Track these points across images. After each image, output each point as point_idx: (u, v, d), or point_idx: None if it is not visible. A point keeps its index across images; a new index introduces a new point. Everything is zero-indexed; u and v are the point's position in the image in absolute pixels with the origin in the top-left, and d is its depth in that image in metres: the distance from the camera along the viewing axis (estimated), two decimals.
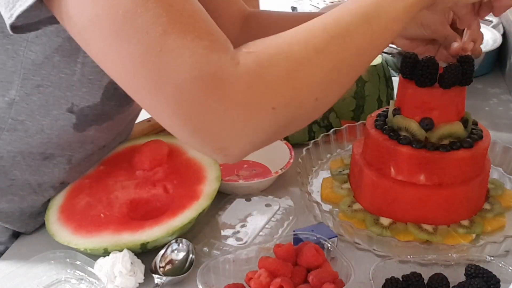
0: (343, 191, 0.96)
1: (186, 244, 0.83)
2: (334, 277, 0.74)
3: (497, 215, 0.91)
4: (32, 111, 0.78)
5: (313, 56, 0.63)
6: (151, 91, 0.59)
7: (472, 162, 0.88)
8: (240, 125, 0.60)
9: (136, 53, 0.57)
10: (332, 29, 0.65)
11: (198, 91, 0.58)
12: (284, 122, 0.63)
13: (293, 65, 0.62)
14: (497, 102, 1.32)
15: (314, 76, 0.63)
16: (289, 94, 0.62)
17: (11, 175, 0.84)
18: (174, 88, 0.58)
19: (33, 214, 0.90)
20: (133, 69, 0.59)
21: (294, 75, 0.62)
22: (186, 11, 0.59)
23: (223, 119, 0.59)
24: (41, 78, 0.75)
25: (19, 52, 0.73)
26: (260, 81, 0.60)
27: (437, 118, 0.86)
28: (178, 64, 0.57)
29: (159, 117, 0.62)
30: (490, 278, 0.75)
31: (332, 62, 0.64)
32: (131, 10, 0.56)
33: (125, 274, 0.77)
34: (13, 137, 0.80)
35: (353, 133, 1.08)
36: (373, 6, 0.67)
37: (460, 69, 0.84)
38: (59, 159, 0.86)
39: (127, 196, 0.88)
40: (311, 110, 0.65)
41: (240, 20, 1.03)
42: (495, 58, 1.43)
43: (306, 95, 0.63)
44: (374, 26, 0.66)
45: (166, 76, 0.58)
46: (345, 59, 0.65)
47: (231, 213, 0.92)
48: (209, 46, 0.59)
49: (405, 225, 0.88)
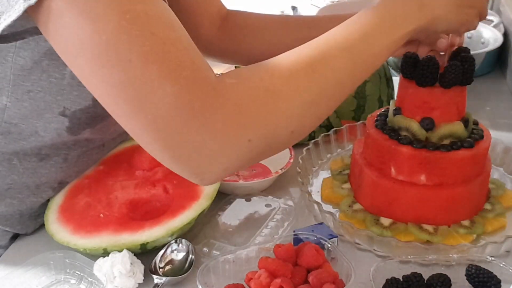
0: (343, 191, 0.96)
1: (186, 245, 0.83)
2: (335, 277, 0.74)
3: (498, 215, 0.91)
4: (24, 115, 0.78)
5: (293, 91, 0.64)
6: (132, 117, 0.60)
7: (472, 162, 0.87)
8: (217, 154, 0.62)
9: (119, 80, 0.58)
10: (315, 64, 0.66)
11: (178, 121, 0.59)
12: (258, 152, 0.65)
13: (272, 98, 0.63)
14: (498, 102, 1.31)
15: (293, 109, 0.65)
16: (266, 127, 0.63)
17: (9, 180, 0.84)
18: (154, 117, 0.59)
19: (33, 215, 0.90)
20: (115, 95, 0.59)
21: (272, 108, 0.63)
22: (169, 40, 0.59)
23: (201, 148, 0.61)
24: (31, 83, 0.75)
25: (7, 58, 0.72)
26: (239, 113, 0.61)
27: (438, 118, 0.86)
28: (159, 94, 0.58)
29: (139, 141, 0.63)
30: (491, 279, 0.75)
31: (311, 95, 0.65)
32: (114, 37, 0.57)
33: (124, 275, 0.77)
34: (7, 140, 0.80)
35: (353, 133, 1.08)
36: (358, 40, 0.68)
37: (461, 68, 0.84)
38: (55, 159, 0.85)
39: (126, 196, 0.87)
40: (285, 141, 0.67)
41: (219, 19, 1.04)
42: (496, 58, 1.43)
43: (283, 128, 0.65)
44: (356, 60, 0.68)
45: (147, 104, 0.59)
46: (324, 92, 0.66)
47: (231, 213, 0.92)
48: (190, 76, 0.59)
49: (406, 225, 0.87)
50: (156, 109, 0.59)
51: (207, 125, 0.60)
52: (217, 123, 0.60)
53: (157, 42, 0.58)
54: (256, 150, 0.64)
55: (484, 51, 1.36)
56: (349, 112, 1.12)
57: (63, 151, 0.85)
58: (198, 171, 0.63)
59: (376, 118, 0.94)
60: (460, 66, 0.84)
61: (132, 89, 0.58)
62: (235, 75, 0.64)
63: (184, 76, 0.59)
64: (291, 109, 0.64)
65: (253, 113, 0.62)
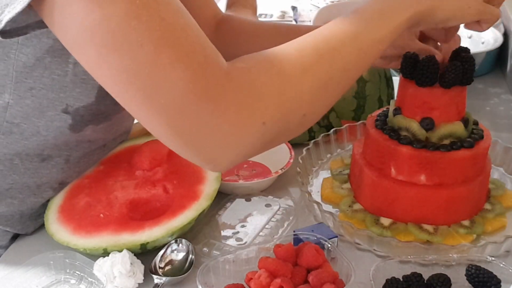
0: (343, 191, 0.96)
1: (186, 245, 0.83)
2: (335, 277, 0.74)
3: (498, 215, 0.91)
4: (27, 113, 0.78)
5: (302, 74, 0.65)
6: (144, 103, 0.60)
7: (472, 162, 0.87)
8: (231, 138, 0.62)
9: (129, 66, 0.58)
10: (322, 48, 0.67)
11: (191, 105, 0.59)
12: (271, 137, 0.65)
13: (283, 82, 0.64)
14: (498, 102, 1.31)
15: (303, 92, 0.65)
16: (279, 109, 0.64)
17: (10, 179, 0.84)
18: (167, 102, 0.59)
19: (33, 215, 0.90)
20: (125, 82, 0.59)
21: (284, 91, 0.64)
22: (179, 25, 0.59)
23: (215, 132, 0.61)
24: (33, 80, 0.75)
25: (10, 55, 0.72)
26: (252, 96, 0.62)
27: (438, 118, 0.86)
28: (172, 79, 0.58)
29: (150, 127, 0.63)
30: (491, 279, 0.75)
31: (320, 79, 0.66)
32: (124, 22, 0.57)
33: (124, 275, 0.77)
34: (9, 140, 0.80)
35: (353, 133, 1.08)
36: (361, 27, 0.69)
37: (461, 68, 0.84)
38: (57, 160, 0.85)
39: (126, 196, 0.87)
40: (298, 125, 0.68)
41: (214, 23, 1.05)
42: (496, 58, 1.43)
43: (295, 111, 0.66)
44: (361, 45, 0.69)
45: (159, 89, 0.58)
46: (332, 77, 0.67)
47: (231, 213, 0.92)
48: (202, 61, 0.60)
49: (406, 225, 0.87)
50: (169, 94, 0.58)
51: (221, 109, 0.60)
52: (230, 106, 0.60)
53: (168, 28, 0.58)
54: (270, 134, 0.64)
55: (484, 51, 1.36)
56: (349, 112, 1.12)
57: (65, 152, 0.85)
58: (211, 156, 0.63)
59: (376, 118, 0.93)
60: (460, 66, 0.84)
61: (144, 74, 0.58)
62: (245, 60, 0.65)
63: (197, 61, 0.59)
64: (302, 93, 0.65)
65: (265, 96, 0.62)
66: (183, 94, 0.58)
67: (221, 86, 0.60)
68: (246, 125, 0.62)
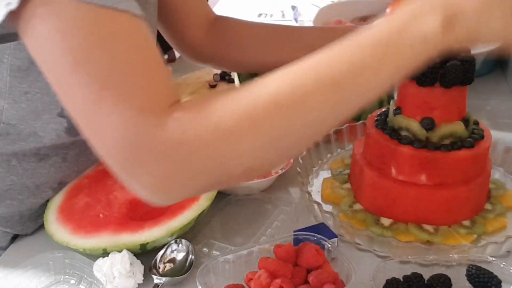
0: (343, 191, 0.95)
1: (185, 245, 0.83)
2: (335, 277, 0.74)
3: (499, 215, 0.90)
4: (22, 116, 0.78)
5: (246, 131, 0.57)
6: (89, 138, 0.61)
7: (473, 162, 0.87)
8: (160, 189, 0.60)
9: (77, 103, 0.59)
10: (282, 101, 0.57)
11: (124, 154, 0.59)
12: (207, 185, 0.62)
13: (219, 138, 0.57)
14: (499, 102, 1.31)
15: (244, 150, 0.58)
16: (210, 165, 0.59)
17: (8, 181, 0.84)
18: (105, 144, 0.59)
19: (33, 216, 0.89)
20: (76, 115, 0.60)
21: (220, 148, 0.58)
22: (130, 64, 0.59)
23: (144, 182, 0.60)
24: (28, 85, 0.75)
25: (3, 59, 0.72)
26: (181, 151, 0.58)
27: (438, 117, 0.86)
28: (108, 123, 0.58)
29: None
30: (492, 279, 0.75)
31: (268, 136, 0.58)
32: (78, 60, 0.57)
33: (124, 275, 0.77)
34: (6, 141, 0.80)
35: (353, 133, 1.08)
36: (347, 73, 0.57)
37: (461, 68, 0.84)
38: (55, 159, 0.85)
39: (126, 196, 0.87)
40: (242, 176, 0.62)
41: (206, 23, 1.04)
42: (496, 57, 1.42)
43: (234, 166, 0.59)
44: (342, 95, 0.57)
45: (98, 132, 0.59)
46: (290, 131, 0.58)
47: (231, 213, 0.92)
48: (139, 106, 0.58)
49: (406, 225, 0.87)
50: (105, 138, 0.59)
51: (147, 161, 0.58)
52: (157, 160, 0.58)
53: (116, 68, 0.58)
54: (203, 185, 0.61)
55: (484, 51, 1.36)
56: None
57: (62, 151, 0.85)
58: (149, 198, 0.62)
59: (376, 118, 0.93)
60: (460, 66, 0.84)
61: (87, 115, 0.59)
62: (188, 107, 0.60)
63: (134, 106, 0.58)
64: (242, 150, 0.58)
65: (195, 151, 0.58)
66: (116, 141, 0.58)
67: (151, 137, 0.57)
68: (172, 178, 0.59)
